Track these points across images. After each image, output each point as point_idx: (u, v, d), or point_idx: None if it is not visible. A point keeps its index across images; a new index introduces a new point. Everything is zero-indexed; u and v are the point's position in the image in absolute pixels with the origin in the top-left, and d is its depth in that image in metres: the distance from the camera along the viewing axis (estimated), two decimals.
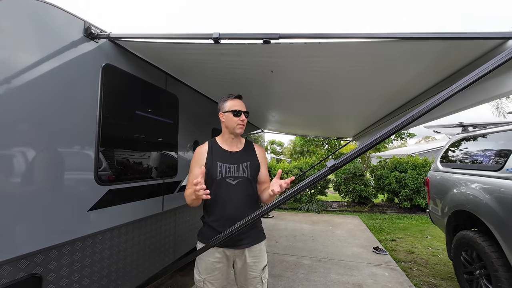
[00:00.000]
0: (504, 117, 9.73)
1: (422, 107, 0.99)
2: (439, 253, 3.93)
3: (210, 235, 1.38)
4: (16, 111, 1.16)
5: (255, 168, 1.50)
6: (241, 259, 1.45)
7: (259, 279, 1.44)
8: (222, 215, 1.40)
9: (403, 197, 6.90)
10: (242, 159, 1.49)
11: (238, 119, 1.45)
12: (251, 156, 1.52)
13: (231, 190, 1.41)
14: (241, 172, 1.45)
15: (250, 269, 1.44)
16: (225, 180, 1.42)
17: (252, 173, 1.47)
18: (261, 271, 1.46)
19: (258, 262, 1.46)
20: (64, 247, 1.36)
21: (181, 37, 1.42)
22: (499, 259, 2.11)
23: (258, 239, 1.47)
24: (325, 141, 12.08)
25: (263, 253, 1.50)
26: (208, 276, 1.41)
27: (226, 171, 1.43)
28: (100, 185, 1.57)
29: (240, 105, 1.49)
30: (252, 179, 1.48)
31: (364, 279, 3.04)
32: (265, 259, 1.51)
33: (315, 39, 1.24)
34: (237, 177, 1.43)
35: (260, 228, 1.53)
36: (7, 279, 1.11)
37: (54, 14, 1.35)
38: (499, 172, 2.24)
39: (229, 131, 1.48)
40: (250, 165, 1.48)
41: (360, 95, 2.35)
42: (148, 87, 2.04)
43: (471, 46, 1.27)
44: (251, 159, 1.50)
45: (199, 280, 1.43)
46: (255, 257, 1.45)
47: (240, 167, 1.45)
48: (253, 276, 1.44)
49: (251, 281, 1.45)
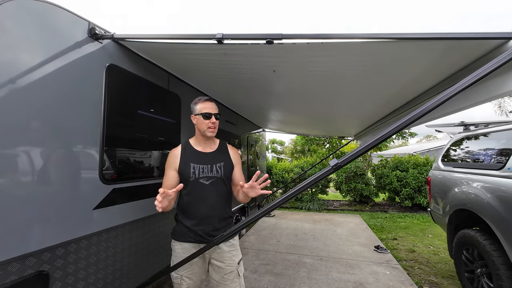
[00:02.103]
0: (506, 116, 9.70)
1: (424, 106, 1.00)
2: (440, 251, 3.94)
3: (186, 233, 1.44)
4: (22, 111, 1.18)
5: (228, 168, 1.52)
6: (217, 254, 1.47)
7: (235, 273, 1.48)
8: (197, 214, 1.44)
9: (404, 196, 6.90)
10: (216, 159, 1.51)
11: (209, 122, 1.47)
12: (225, 157, 1.55)
13: (204, 190, 1.44)
14: (215, 172, 1.48)
15: (227, 264, 1.46)
16: (198, 180, 1.45)
17: (225, 173, 1.50)
18: (237, 264, 1.49)
19: (234, 256, 1.50)
20: (70, 245, 1.38)
21: (185, 38, 1.44)
22: (500, 257, 2.12)
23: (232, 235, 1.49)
24: (326, 140, 12.08)
25: (236, 246, 1.54)
26: (185, 272, 1.44)
27: (200, 171, 1.46)
28: (104, 184, 1.59)
29: (210, 108, 1.50)
30: (226, 179, 1.51)
31: (366, 277, 3.05)
32: (240, 253, 1.55)
33: (318, 39, 1.25)
34: (211, 177, 1.47)
35: (230, 222, 1.56)
36: (16, 275, 1.14)
37: (59, 15, 1.37)
38: (501, 171, 2.25)
39: (201, 133, 1.51)
40: (224, 165, 1.51)
41: (361, 94, 2.36)
42: (151, 87, 2.06)
43: (473, 46, 1.28)
44: (224, 160, 1.53)
45: (176, 277, 1.45)
46: (231, 251, 1.49)
47: (213, 167, 1.48)
48: (230, 271, 1.47)
49: (229, 276, 1.46)
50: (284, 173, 8.06)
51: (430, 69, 1.62)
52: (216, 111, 1.52)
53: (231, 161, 1.56)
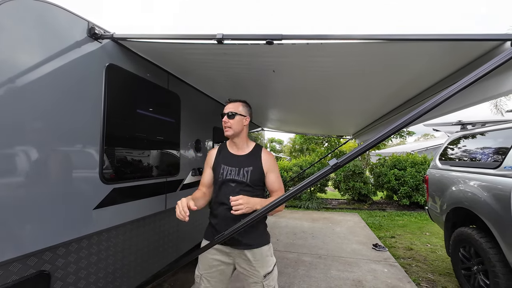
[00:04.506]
0: (502, 115, 9.77)
1: (422, 107, 1.01)
2: (437, 249, 3.99)
3: (211, 233, 1.44)
4: (21, 111, 1.18)
5: (256, 174, 1.45)
6: (242, 262, 1.43)
7: (260, 285, 1.39)
8: (221, 215, 1.43)
9: (402, 195, 6.95)
10: (244, 163, 1.47)
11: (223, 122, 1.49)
12: (255, 162, 1.48)
13: (230, 192, 1.41)
14: (241, 176, 1.44)
15: (251, 274, 1.41)
16: (225, 182, 1.45)
17: (251, 178, 1.43)
18: (262, 277, 1.39)
19: (260, 267, 1.40)
20: (71, 245, 1.39)
21: (185, 38, 1.44)
22: (496, 255, 2.15)
23: (259, 243, 1.43)
24: (324, 139, 12.11)
25: (265, 259, 1.42)
26: (205, 272, 1.44)
27: (227, 173, 1.45)
28: (105, 184, 1.59)
29: (226, 108, 1.51)
30: (253, 184, 1.44)
31: (364, 275, 3.08)
32: (269, 266, 1.43)
33: (317, 40, 1.26)
34: (237, 181, 1.44)
35: (262, 232, 1.48)
36: (17, 275, 1.14)
37: (58, 15, 1.36)
38: (497, 170, 2.28)
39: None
40: (252, 171, 1.45)
41: (360, 94, 2.38)
42: (150, 87, 2.06)
43: (470, 48, 1.29)
44: (253, 165, 1.47)
45: (197, 275, 1.47)
46: (256, 261, 1.40)
47: (241, 171, 1.45)
48: (253, 281, 1.40)
49: (253, 286, 1.41)
50: (283, 172, 8.08)
51: (428, 70, 1.63)
52: (229, 110, 1.49)
53: (261, 167, 1.47)
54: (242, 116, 1.50)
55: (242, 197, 1.28)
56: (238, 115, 1.48)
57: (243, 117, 1.51)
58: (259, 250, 1.42)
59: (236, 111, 1.49)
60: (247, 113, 1.55)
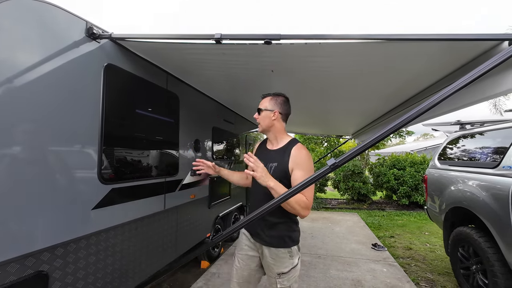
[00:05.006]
0: (501, 115, 9.79)
1: (421, 106, 1.01)
2: (436, 249, 3.99)
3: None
4: (19, 111, 1.17)
5: (279, 170, 1.40)
6: (261, 255, 1.51)
7: (273, 280, 1.46)
8: (252, 206, 1.56)
9: (402, 194, 6.96)
10: (271, 159, 1.47)
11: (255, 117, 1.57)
12: (282, 158, 1.43)
13: (258, 186, 1.35)
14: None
15: (267, 268, 1.49)
16: None
17: (274, 174, 1.37)
18: (276, 275, 1.43)
19: (274, 266, 1.44)
20: (70, 245, 1.38)
21: (183, 38, 1.43)
22: (495, 254, 2.16)
23: (277, 244, 1.43)
24: (324, 139, 12.11)
25: (281, 260, 1.43)
26: (238, 253, 1.58)
27: None
28: (103, 184, 1.59)
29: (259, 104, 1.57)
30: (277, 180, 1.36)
31: (363, 274, 3.09)
32: (284, 267, 1.43)
33: (316, 39, 1.26)
34: None
35: (283, 234, 1.44)
36: (15, 276, 1.14)
37: (56, 15, 1.36)
38: (495, 169, 2.28)
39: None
40: (276, 167, 1.42)
41: (359, 94, 2.38)
42: (149, 87, 2.06)
43: (469, 47, 1.29)
44: (278, 161, 1.43)
45: (234, 254, 1.61)
46: (272, 259, 1.44)
47: (267, 166, 1.43)
48: (269, 275, 1.49)
49: (269, 279, 1.51)
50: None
51: (427, 69, 1.63)
52: (259, 106, 1.55)
53: (287, 163, 1.39)
54: (268, 111, 1.50)
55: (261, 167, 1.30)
56: (264, 111, 1.52)
57: (271, 112, 1.50)
58: (276, 250, 1.44)
59: (262, 107, 1.53)
60: (277, 107, 1.51)
